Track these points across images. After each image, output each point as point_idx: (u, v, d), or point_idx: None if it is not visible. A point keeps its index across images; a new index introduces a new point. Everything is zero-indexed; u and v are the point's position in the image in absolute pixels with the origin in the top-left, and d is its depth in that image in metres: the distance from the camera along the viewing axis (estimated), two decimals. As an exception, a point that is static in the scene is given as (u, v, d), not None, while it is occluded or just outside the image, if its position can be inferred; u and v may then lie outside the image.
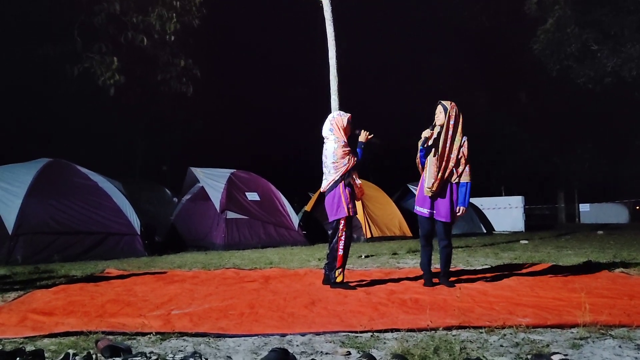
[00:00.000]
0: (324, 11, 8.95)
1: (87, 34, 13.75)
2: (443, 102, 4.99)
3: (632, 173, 26.38)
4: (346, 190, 4.95)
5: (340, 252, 4.94)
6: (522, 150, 28.07)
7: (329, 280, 5.02)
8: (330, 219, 5.04)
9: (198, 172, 11.79)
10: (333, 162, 4.98)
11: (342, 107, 8.65)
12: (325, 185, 5.06)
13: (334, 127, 5.07)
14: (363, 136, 5.06)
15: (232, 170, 12.02)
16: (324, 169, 5.10)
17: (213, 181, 11.40)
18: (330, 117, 5.19)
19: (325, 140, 5.13)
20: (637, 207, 27.16)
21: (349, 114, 5.15)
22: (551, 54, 19.71)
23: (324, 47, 9.01)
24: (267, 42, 25.16)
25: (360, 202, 7.11)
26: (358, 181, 5.05)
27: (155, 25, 13.58)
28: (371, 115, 5.13)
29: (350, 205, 4.95)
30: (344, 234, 4.94)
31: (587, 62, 19.12)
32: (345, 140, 5.03)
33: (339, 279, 4.94)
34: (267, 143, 26.53)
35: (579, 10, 18.51)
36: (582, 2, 18.42)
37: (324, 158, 5.10)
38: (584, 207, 26.48)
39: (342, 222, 4.95)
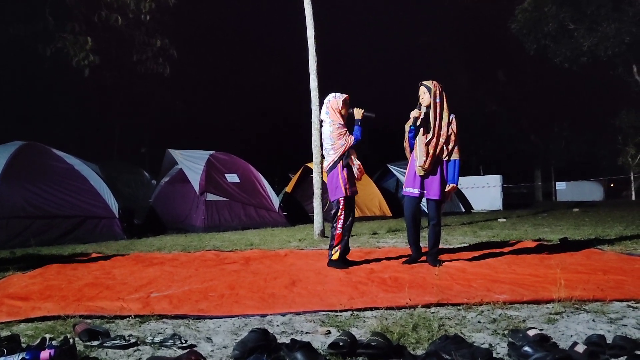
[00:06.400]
0: (302, -10, 8.84)
1: (59, 13, 13.38)
2: (424, 82, 4.99)
3: (607, 151, 26.87)
4: (344, 171, 4.97)
5: (339, 230, 4.97)
6: (501, 129, 28.34)
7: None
8: (331, 199, 5.11)
9: (176, 154, 11.67)
10: (331, 145, 5.03)
11: (321, 88, 8.59)
12: (325, 165, 5.13)
13: (329, 109, 5.09)
14: (358, 113, 5.04)
15: (211, 152, 11.92)
16: (324, 152, 5.18)
17: (192, 163, 11.30)
18: (326, 99, 5.18)
19: (322, 124, 5.16)
20: (612, 185, 27.73)
21: (345, 95, 5.11)
22: (529, 33, 19.84)
23: (304, 26, 8.91)
24: (246, 21, 24.81)
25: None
26: (357, 162, 5.04)
27: (130, 4, 13.25)
28: (351, 95, 5.10)
29: (347, 186, 4.97)
30: (343, 213, 4.97)
31: (563, 41, 19.30)
32: (341, 122, 5.02)
33: (334, 257, 4.98)
34: (247, 124, 26.33)
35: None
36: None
37: (323, 142, 5.18)
38: (560, 185, 26.93)
39: (341, 202, 4.98)
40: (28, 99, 17.25)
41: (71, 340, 2.44)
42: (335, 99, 5.09)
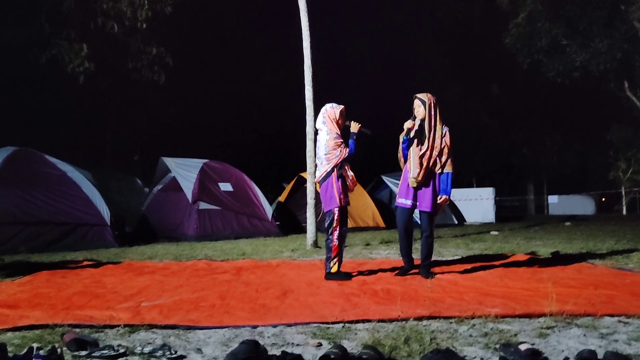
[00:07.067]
0: (299, 1, 8.88)
1: (55, 20, 13.38)
2: (419, 95, 5.00)
3: (598, 165, 27.06)
4: (338, 181, 4.96)
5: (335, 242, 4.92)
6: (493, 142, 28.49)
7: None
8: (324, 210, 5.07)
9: (170, 162, 11.63)
10: (325, 154, 4.99)
11: (316, 98, 8.62)
12: (318, 176, 5.09)
13: (326, 119, 5.07)
14: (354, 127, 5.06)
15: (205, 160, 11.89)
16: (317, 161, 5.14)
17: (185, 171, 11.26)
18: (323, 109, 5.17)
19: (318, 132, 5.15)
20: (603, 199, 27.88)
21: (342, 106, 5.13)
22: (522, 48, 20.04)
23: (300, 36, 8.95)
24: (242, 30, 24.90)
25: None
26: (350, 173, 5.05)
27: (126, 12, 13.28)
28: (346, 106, 5.15)
29: (342, 196, 4.95)
30: (338, 224, 4.93)
31: (556, 56, 19.49)
32: (338, 132, 5.02)
33: (333, 269, 4.93)
34: (241, 133, 26.32)
35: (550, 4, 18.81)
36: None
37: (317, 150, 5.15)
38: (552, 199, 27.04)
39: (336, 212, 4.94)
40: (21, 105, 17.18)
41: (59, 350, 2.41)
42: (332, 109, 5.10)
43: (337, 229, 4.94)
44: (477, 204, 17.97)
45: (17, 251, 7.77)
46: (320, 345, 2.77)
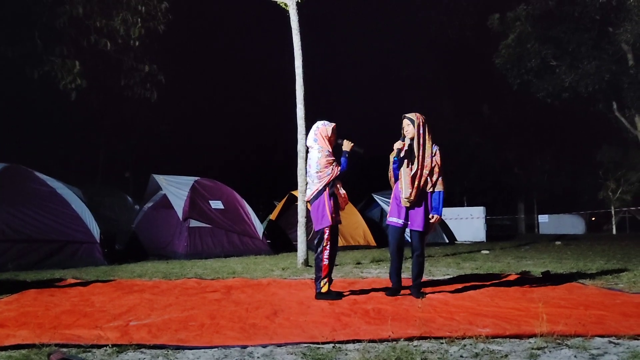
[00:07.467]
0: (291, 21, 8.97)
1: (49, 37, 13.41)
2: (407, 115, 5.03)
3: (588, 185, 27.28)
4: (330, 200, 4.91)
5: (325, 261, 4.87)
6: (485, 161, 28.68)
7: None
8: (315, 228, 4.99)
9: (161, 179, 11.60)
10: (317, 172, 4.94)
11: (307, 116, 8.66)
12: (309, 194, 5.02)
13: (318, 137, 5.04)
14: (346, 145, 5.04)
15: (196, 178, 11.87)
16: (308, 179, 5.08)
17: (176, 189, 11.23)
18: (314, 126, 5.14)
19: (309, 150, 5.11)
20: (593, 219, 28.05)
21: (333, 124, 5.11)
22: (512, 68, 20.30)
23: (292, 54, 9.01)
24: (234, 48, 25.05)
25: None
26: (342, 191, 5.03)
27: (120, 30, 13.36)
28: (337, 124, 5.18)
29: (333, 214, 4.91)
30: (328, 243, 4.88)
31: (546, 77, 19.76)
32: (330, 150, 5.00)
33: (324, 289, 4.88)
34: (233, 150, 26.35)
35: (539, 26, 19.12)
36: (542, 19, 19.04)
37: (308, 167, 5.09)
38: (542, 218, 27.18)
39: (327, 231, 4.88)
40: (13, 121, 17.14)
41: (45, 371, 2.38)
42: (324, 127, 5.08)
43: (328, 247, 4.89)
44: (468, 222, 18.03)
45: (4, 269, 7.67)
46: (310, 365, 2.75)
